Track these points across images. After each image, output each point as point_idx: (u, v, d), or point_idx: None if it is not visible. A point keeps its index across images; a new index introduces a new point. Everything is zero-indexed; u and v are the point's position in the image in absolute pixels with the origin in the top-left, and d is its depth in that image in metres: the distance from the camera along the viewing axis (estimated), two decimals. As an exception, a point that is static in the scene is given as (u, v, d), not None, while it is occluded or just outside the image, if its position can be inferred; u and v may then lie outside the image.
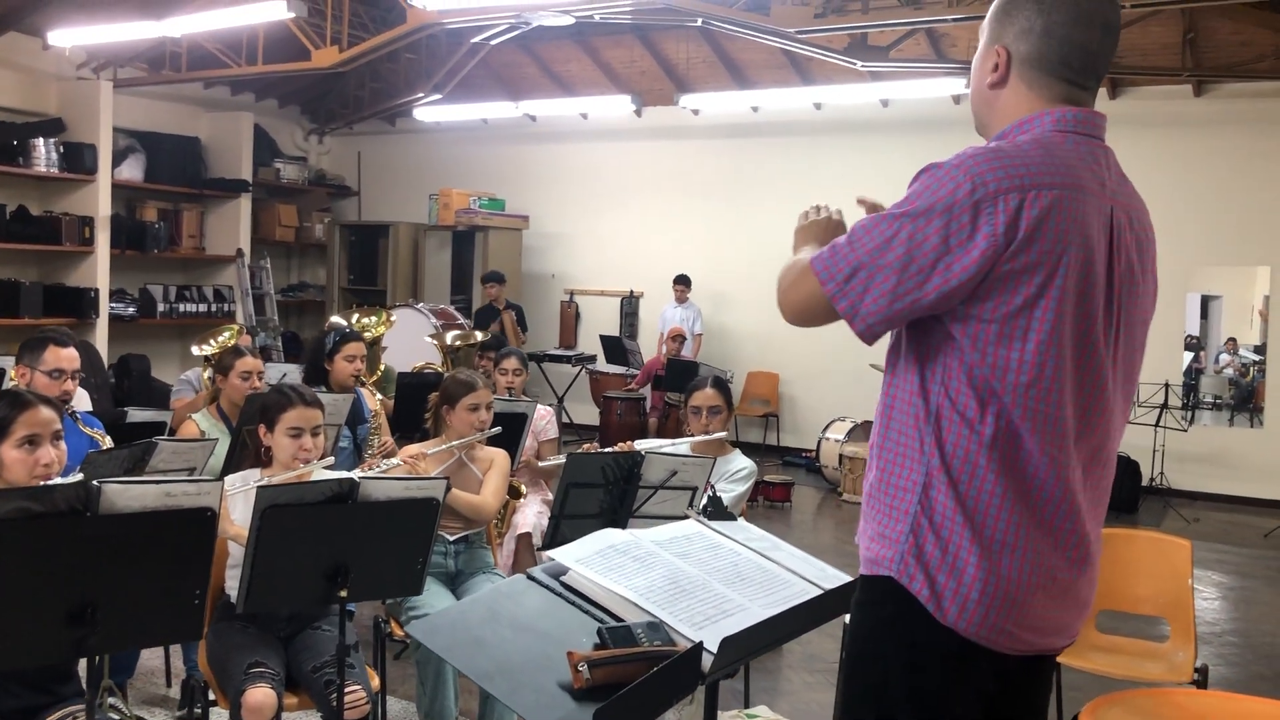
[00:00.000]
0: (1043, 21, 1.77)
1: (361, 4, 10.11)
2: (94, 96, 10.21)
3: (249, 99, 12.35)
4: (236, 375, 4.70)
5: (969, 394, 1.72)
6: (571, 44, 11.17)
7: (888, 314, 1.73)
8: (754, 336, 11.00)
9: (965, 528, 1.72)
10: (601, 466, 3.67)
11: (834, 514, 8.60)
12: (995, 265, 1.66)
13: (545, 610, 1.93)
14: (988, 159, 1.69)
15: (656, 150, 11.63)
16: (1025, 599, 1.73)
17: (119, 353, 10.36)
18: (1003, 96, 1.83)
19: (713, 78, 10.97)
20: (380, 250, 12.25)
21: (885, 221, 1.72)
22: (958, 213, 1.66)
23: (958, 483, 1.72)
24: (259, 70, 9.99)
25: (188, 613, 2.51)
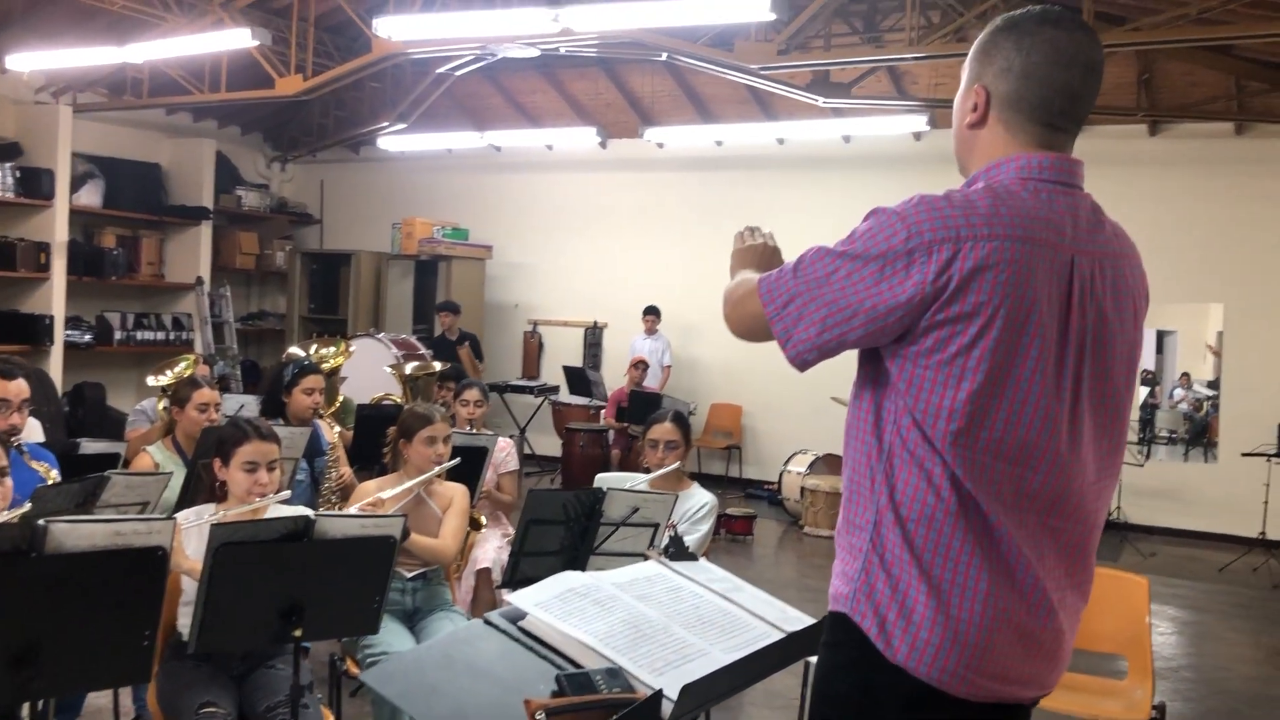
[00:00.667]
0: (1021, 62, 1.77)
1: (326, 32, 10.08)
2: (53, 121, 10.10)
3: (211, 125, 12.26)
4: (193, 407, 4.63)
5: (918, 435, 1.72)
6: (537, 75, 11.20)
7: (816, 344, 1.77)
8: (720, 368, 11.02)
9: (914, 567, 1.71)
10: (563, 503, 3.65)
11: (796, 547, 8.60)
12: (926, 313, 1.68)
13: (503, 656, 1.91)
14: (929, 208, 1.70)
15: (621, 182, 11.67)
16: (981, 643, 1.71)
17: (74, 381, 10.19)
18: (981, 137, 1.83)
19: (677, 111, 11.04)
20: (342, 279, 12.16)
21: (829, 257, 1.76)
22: (892, 259, 1.69)
23: (906, 521, 1.72)
24: (222, 97, 9.93)
25: (136, 654, 2.45)
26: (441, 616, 3.90)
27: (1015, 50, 1.78)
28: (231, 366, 11.14)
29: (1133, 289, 1.87)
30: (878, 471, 1.76)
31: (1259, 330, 9.12)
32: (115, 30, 9.14)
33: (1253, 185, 9.12)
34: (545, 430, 11.25)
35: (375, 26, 7.80)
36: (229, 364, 11.12)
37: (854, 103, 8.91)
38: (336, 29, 10.18)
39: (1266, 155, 9.07)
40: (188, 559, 3.27)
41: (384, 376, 7.97)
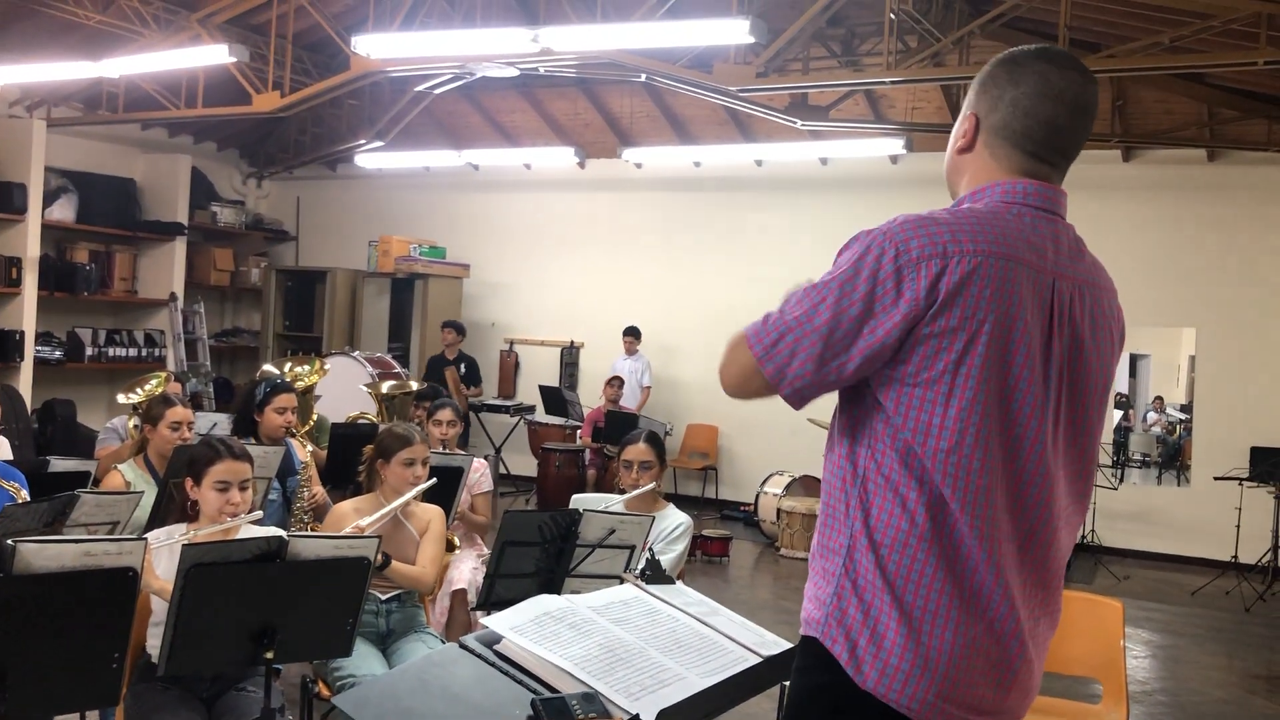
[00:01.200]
0: (1011, 93, 1.82)
1: (305, 50, 10.06)
2: (26, 135, 10.02)
3: (187, 141, 12.21)
4: (165, 425, 4.59)
5: (895, 460, 1.73)
6: (516, 95, 11.22)
7: (815, 379, 1.74)
8: (698, 388, 11.01)
9: (886, 593, 1.71)
10: (539, 524, 3.63)
11: (772, 569, 8.59)
12: (915, 328, 1.69)
13: (477, 680, 1.88)
14: (914, 226, 1.72)
15: (599, 202, 11.68)
16: (951, 672, 1.70)
17: (44, 397, 10.08)
18: (969, 162, 1.87)
19: (655, 132, 11.07)
20: (317, 296, 12.10)
21: (815, 289, 1.75)
22: (882, 278, 1.69)
23: (879, 547, 1.72)
24: (198, 113, 9.88)
25: (105, 677, 2.42)
26: (415, 639, 3.87)
27: (1007, 81, 1.83)
28: (204, 384, 11.05)
29: (1109, 320, 1.89)
30: (852, 496, 1.77)
31: (1231, 354, 9.20)
32: (91, 44, 9.09)
33: (1225, 211, 9.23)
34: (521, 450, 11.21)
35: (354, 44, 7.80)
36: (202, 381, 11.03)
37: (832, 125, 8.96)
38: (315, 46, 10.17)
39: (1238, 182, 9.19)
40: (158, 579, 3.22)
41: (359, 395, 7.93)
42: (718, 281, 10.77)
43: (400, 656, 3.76)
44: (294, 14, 9.19)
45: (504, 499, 10.24)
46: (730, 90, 7.82)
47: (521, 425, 11.22)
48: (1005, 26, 7.59)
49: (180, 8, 9.02)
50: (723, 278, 10.74)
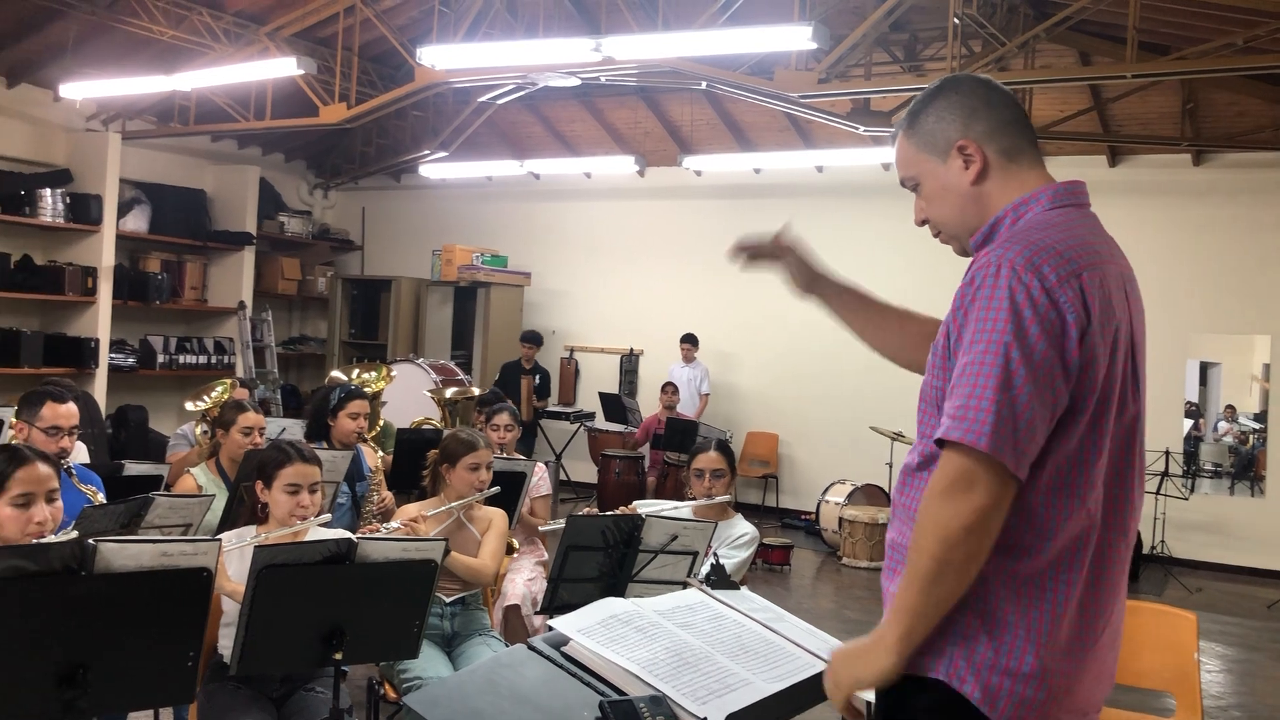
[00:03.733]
0: (973, 102, 1.85)
1: (370, 62, 10.22)
2: (102, 148, 10.28)
3: (255, 152, 12.44)
4: (238, 430, 4.68)
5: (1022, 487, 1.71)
6: (577, 104, 11.29)
7: (1042, 436, 1.63)
8: (755, 396, 10.98)
9: (1019, 625, 1.68)
10: (601, 529, 3.64)
11: (834, 578, 8.52)
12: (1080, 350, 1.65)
13: (545, 682, 1.90)
14: (1032, 251, 1.68)
15: (659, 210, 11.71)
16: (1071, 685, 1.72)
17: (117, 403, 10.33)
18: (988, 187, 1.86)
19: (715, 139, 11.07)
20: (382, 304, 12.27)
21: (981, 363, 1.62)
22: (1044, 311, 1.63)
23: (1004, 578, 1.68)
24: (267, 125, 10.08)
25: (181, 675, 2.46)
26: (479, 642, 3.90)
27: (973, 99, 1.86)
28: (272, 390, 11.24)
29: (1139, 302, 1.91)
30: None
31: (1307, 362, 8.97)
32: (164, 59, 9.31)
33: (1300, 215, 9.00)
34: (581, 457, 11.25)
35: (419, 56, 7.89)
36: (269, 388, 11.22)
37: (894, 131, 8.89)
38: (380, 58, 10.32)
39: (1314, 185, 8.96)
40: (230, 581, 3.29)
41: (423, 401, 8.03)
42: (777, 289, 10.67)
43: (465, 659, 3.80)
44: (360, 26, 9.34)
45: (564, 505, 10.28)
46: (791, 97, 7.80)
47: (581, 432, 11.27)
48: (1072, 30, 7.48)
49: (250, 22, 9.21)
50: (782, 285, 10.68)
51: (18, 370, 9.39)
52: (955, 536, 1.58)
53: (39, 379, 8.27)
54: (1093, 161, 9.60)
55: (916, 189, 1.95)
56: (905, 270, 8.60)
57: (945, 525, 1.59)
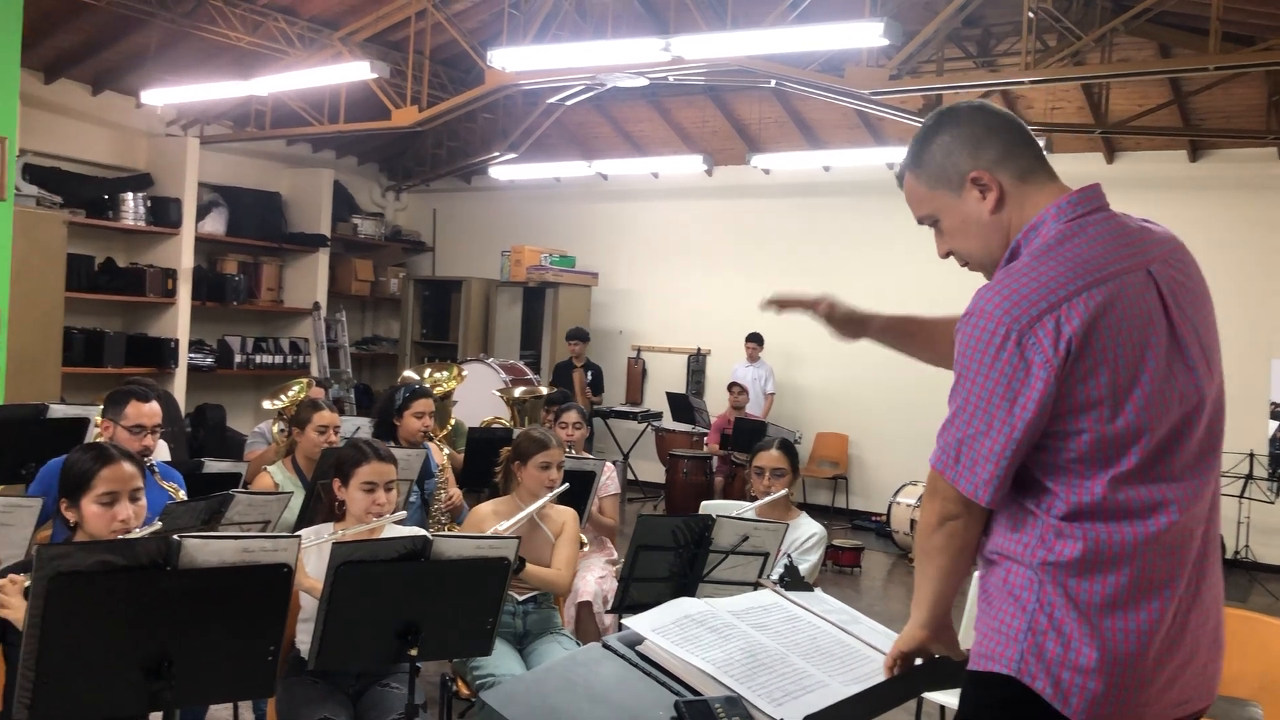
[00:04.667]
0: (977, 130, 1.89)
1: (441, 65, 10.33)
2: (181, 152, 10.53)
3: (329, 156, 12.65)
4: (313, 429, 4.75)
5: (1080, 488, 1.74)
6: (645, 104, 11.30)
7: (999, 474, 1.76)
8: (824, 396, 10.90)
9: (1084, 622, 1.72)
10: (672, 529, 3.64)
11: (905, 581, 8.42)
12: (1062, 382, 1.70)
13: (621, 681, 1.90)
14: (1006, 296, 1.74)
15: (727, 209, 11.67)
16: (1148, 678, 1.73)
17: (196, 402, 10.56)
18: (1006, 212, 1.88)
19: (784, 138, 11.01)
20: (453, 305, 12.40)
21: (954, 396, 1.79)
22: (1006, 359, 1.72)
23: (1073, 574, 1.73)
24: (340, 128, 10.24)
25: (261, 669, 2.50)
26: (551, 640, 3.92)
27: (974, 127, 1.89)
28: (346, 390, 11.42)
29: (1197, 276, 1.91)
30: (1035, 526, 1.77)
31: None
32: (241, 65, 9.51)
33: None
34: (648, 456, 11.26)
35: (490, 58, 7.95)
36: (343, 387, 11.40)
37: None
38: (451, 61, 10.43)
39: (1407, 179, 8.65)
40: (308, 577, 3.35)
41: (493, 400, 8.09)
42: (847, 288, 10.53)
43: (537, 657, 3.82)
44: (431, 30, 9.44)
45: (631, 505, 10.30)
46: (862, 94, 7.73)
47: (649, 432, 11.27)
48: (1151, 22, 7.30)
49: (324, 27, 9.36)
50: (852, 284, 10.53)
51: (101, 370, 9.65)
52: (927, 530, 1.85)
53: (121, 378, 8.48)
54: (1173, 156, 9.37)
55: (936, 225, 1.99)
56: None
57: (922, 520, 1.87)
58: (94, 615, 2.26)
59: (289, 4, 9.05)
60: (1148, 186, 9.10)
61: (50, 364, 8.63)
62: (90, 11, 8.53)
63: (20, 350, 7.65)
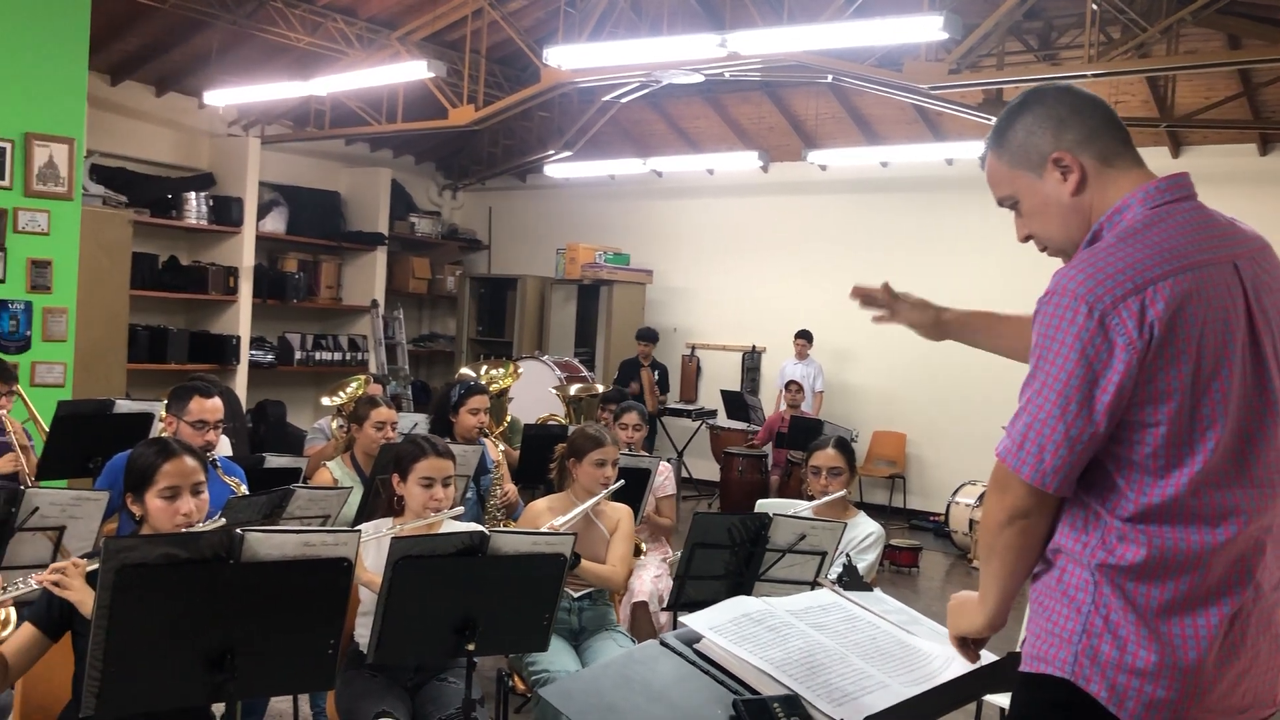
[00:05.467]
0: (1063, 111, 1.85)
1: (497, 64, 10.38)
2: (243, 152, 10.69)
3: (387, 155, 12.77)
4: (371, 425, 4.80)
5: (1140, 488, 1.71)
6: (700, 101, 11.27)
7: (1071, 460, 1.70)
8: (878, 395, 10.80)
9: (1142, 625, 1.68)
10: (728, 527, 3.62)
11: (964, 581, 8.32)
12: (1142, 368, 1.66)
13: (679, 679, 1.89)
14: (1090, 274, 1.69)
15: (783, 206, 11.60)
16: (1209, 684, 1.69)
17: (257, 398, 10.72)
18: (1087, 197, 1.84)
19: (841, 133, 10.92)
20: (508, 302, 12.47)
21: (1030, 381, 1.74)
22: (1088, 338, 1.66)
23: (1130, 577, 1.70)
24: (398, 128, 10.33)
25: (322, 662, 2.53)
26: (606, 637, 3.92)
27: (1059, 108, 1.84)
28: (403, 387, 11.53)
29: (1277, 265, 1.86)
30: (1093, 529, 1.73)
31: None
32: (300, 65, 9.63)
33: None
34: (703, 454, 11.24)
35: (546, 56, 7.98)
36: (401, 384, 11.51)
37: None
38: (507, 60, 10.48)
39: None
40: (366, 571, 3.38)
41: (548, 397, 8.12)
42: (904, 285, 10.49)
43: (592, 653, 3.82)
44: (487, 29, 9.49)
45: (686, 503, 10.28)
46: (921, 89, 7.64)
47: (703, 430, 11.25)
48: (1221, 12, 7.13)
49: (382, 27, 9.45)
50: (911, 282, 10.30)
51: (165, 366, 9.83)
52: (993, 527, 1.79)
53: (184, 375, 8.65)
54: (1242, 150, 9.15)
55: (1015, 207, 1.95)
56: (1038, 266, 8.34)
57: (988, 516, 1.81)
58: (159, 607, 2.30)
59: (348, 4, 9.15)
60: (1215, 181, 8.80)
61: (116, 360, 8.81)
62: (154, 14, 8.69)
63: (87, 347, 7.82)
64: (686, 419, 11.39)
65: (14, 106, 6.84)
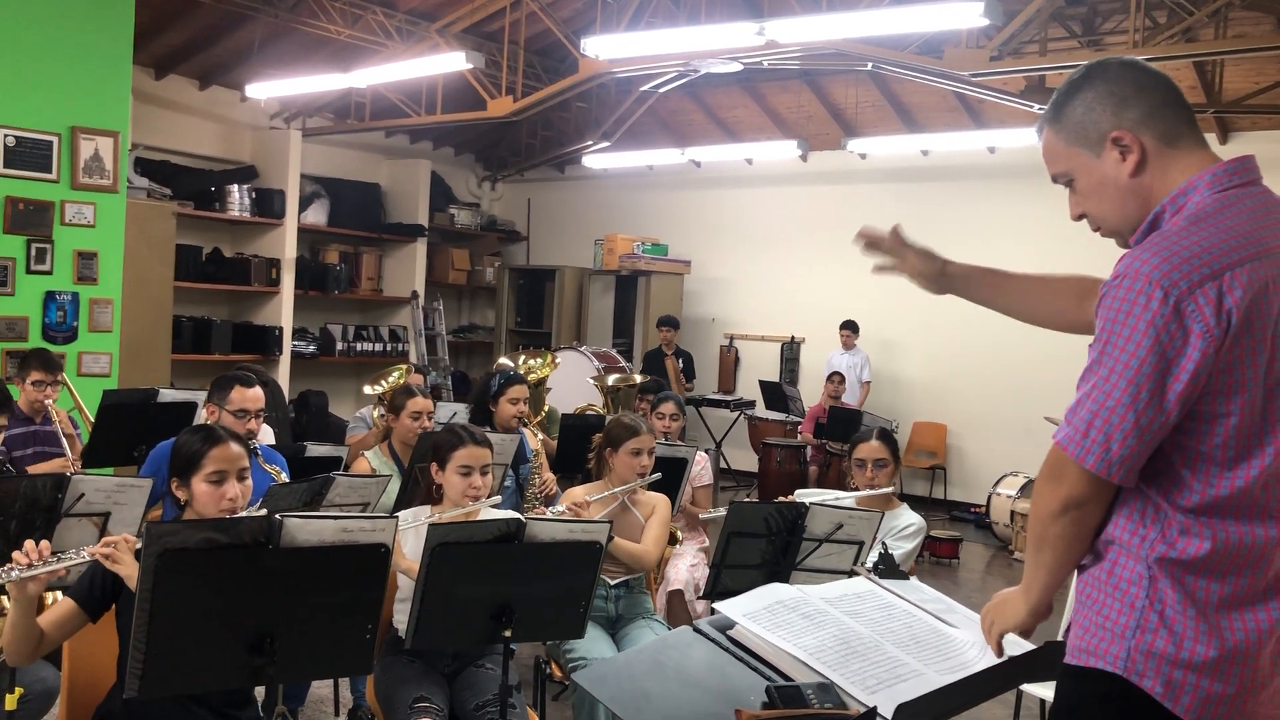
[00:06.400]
0: (1126, 89, 1.78)
1: (535, 55, 10.40)
2: (284, 145, 10.79)
3: (427, 147, 12.84)
4: (407, 415, 4.83)
5: (1199, 481, 1.67)
6: (738, 90, 11.23)
7: (1139, 450, 1.65)
8: (921, 385, 10.72)
9: (1200, 620, 1.65)
10: (764, 516, 3.61)
11: (1005, 573, 8.25)
12: (1218, 357, 1.61)
13: (712, 665, 1.89)
14: (1165, 258, 1.63)
15: (822, 195, 11.53)
16: (1264, 679, 1.67)
17: (299, 388, 10.83)
18: (1147, 178, 1.78)
19: (881, 121, 10.84)
20: (547, 293, 12.51)
21: (1094, 367, 1.68)
22: (1162, 324, 1.61)
23: (1188, 572, 1.67)
24: (437, 119, 10.38)
25: (360, 647, 2.56)
26: (643, 625, 3.93)
27: (1122, 85, 1.77)
28: (443, 377, 11.60)
29: None
30: (1150, 521, 1.70)
31: None
32: (340, 58, 9.70)
33: None
34: (741, 445, 11.22)
35: (584, 46, 7.98)
36: (440, 375, 11.58)
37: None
38: (545, 51, 10.49)
39: None
40: (405, 558, 3.41)
41: (586, 387, 8.14)
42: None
43: (629, 641, 3.83)
44: (526, 20, 9.51)
45: (724, 493, 10.27)
46: (962, 75, 7.56)
47: (741, 420, 11.22)
48: (1269, -6, 7.01)
49: (421, 19, 9.50)
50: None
51: (209, 357, 9.96)
52: (1045, 517, 1.74)
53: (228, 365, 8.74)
54: (1292, 136, 9.00)
55: (1070, 184, 1.90)
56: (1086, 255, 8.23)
57: (1040, 506, 1.76)
58: (200, 591, 2.33)
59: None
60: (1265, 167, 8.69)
61: (160, 351, 8.93)
62: (198, 9, 8.78)
63: (132, 337, 7.93)
64: (725, 409, 11.37)
65: (61, 101, 6.94)
